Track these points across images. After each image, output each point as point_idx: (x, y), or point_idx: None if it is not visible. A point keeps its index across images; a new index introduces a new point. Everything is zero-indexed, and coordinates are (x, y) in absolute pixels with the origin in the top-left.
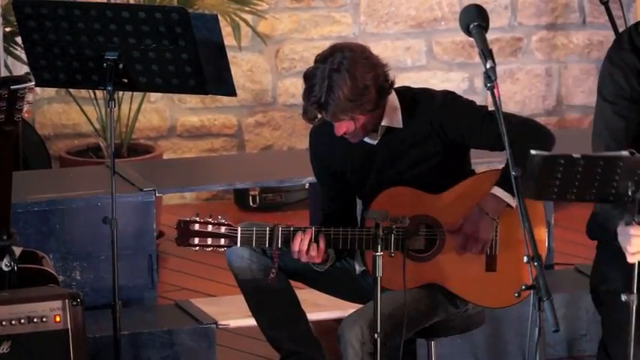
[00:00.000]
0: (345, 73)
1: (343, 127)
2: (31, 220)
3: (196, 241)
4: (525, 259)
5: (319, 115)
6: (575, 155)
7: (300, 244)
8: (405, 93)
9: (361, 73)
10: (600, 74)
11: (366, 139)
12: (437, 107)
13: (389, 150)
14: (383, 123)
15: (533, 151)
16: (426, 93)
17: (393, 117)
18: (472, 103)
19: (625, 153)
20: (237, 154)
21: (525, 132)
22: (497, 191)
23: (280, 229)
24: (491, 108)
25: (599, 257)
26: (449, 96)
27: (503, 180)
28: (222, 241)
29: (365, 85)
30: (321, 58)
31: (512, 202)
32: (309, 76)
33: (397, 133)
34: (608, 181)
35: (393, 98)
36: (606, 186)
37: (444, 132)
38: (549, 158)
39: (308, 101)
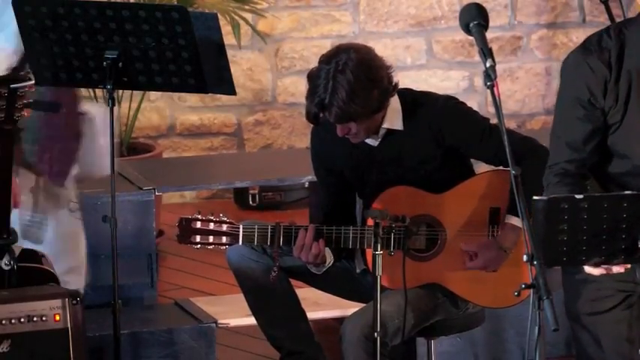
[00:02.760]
0: (350, 75)
1: (346, 128)
2: None
3: (198, 238)
4: (525, 258)
5: (322, 116)
6: (577, 196)
7: (304, 242)
8: (407, 95)
9: (365, 75)
10: (563, 76)
11: (367, 141)
12: (437, 112)
13: (389, 152)
14: (384, 125)
15: (535, 197)
16: (427, 96)
17: (394, 119)
18: (475, 114)
19: (628, 192)
20: (236, 152)
21: (526, 150)
22: (513, 220)
23: (282, 227)
24: (491, 108)
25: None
26: (451, 102)
27: (514, 204)
28: (224, 239)
29: (369, 87)
30: (326, 59)
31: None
32: (313, 77)
33: (397, 135)
34: (617, 225)
35: (394, 100)
36: (616, 228)
37: (442, 137)
38: (552, 200)
39: (312, 102)
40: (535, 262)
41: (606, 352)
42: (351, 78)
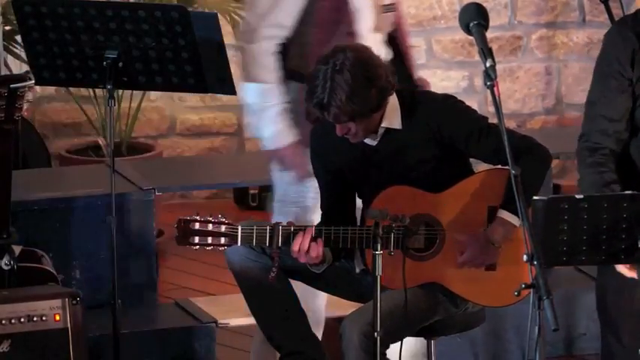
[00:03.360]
0: (347, 74)
1: (345, 127)
2: (30, 219)
3: (196, 240)
4: (525, 257)
5: (321, 116)
6: (577, 196)
7: (301, 243)
8: (405, 94)
9: (363, 74)
10: (600, 49)
11: (366, 140)
12: (436, 110)
13: (388, 151)
14: (382, 124)
15: (535, 197)
16: (426, 95)
17: (393, 118)
18: (473, 112)
19: (628, 192)
20: (237, 152)
21: (524, 149)
22: (504, 214)
23: (281, 228)
24: (491, 108)
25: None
26: (449, 100)
27: (508, 199)
28: (223, 240)
29: (367, 87)
30: (323, 59)
31: (518, 223)
32: (311, 77)
33: (396, 134)
34: (616, 225)
35: (393, 99)
36: (616, 228)
37: (441, 136)
38: (552, 200)
39: (310, 102)
40: (535, 262)
41: (627, 348)
42: (348, 78)
